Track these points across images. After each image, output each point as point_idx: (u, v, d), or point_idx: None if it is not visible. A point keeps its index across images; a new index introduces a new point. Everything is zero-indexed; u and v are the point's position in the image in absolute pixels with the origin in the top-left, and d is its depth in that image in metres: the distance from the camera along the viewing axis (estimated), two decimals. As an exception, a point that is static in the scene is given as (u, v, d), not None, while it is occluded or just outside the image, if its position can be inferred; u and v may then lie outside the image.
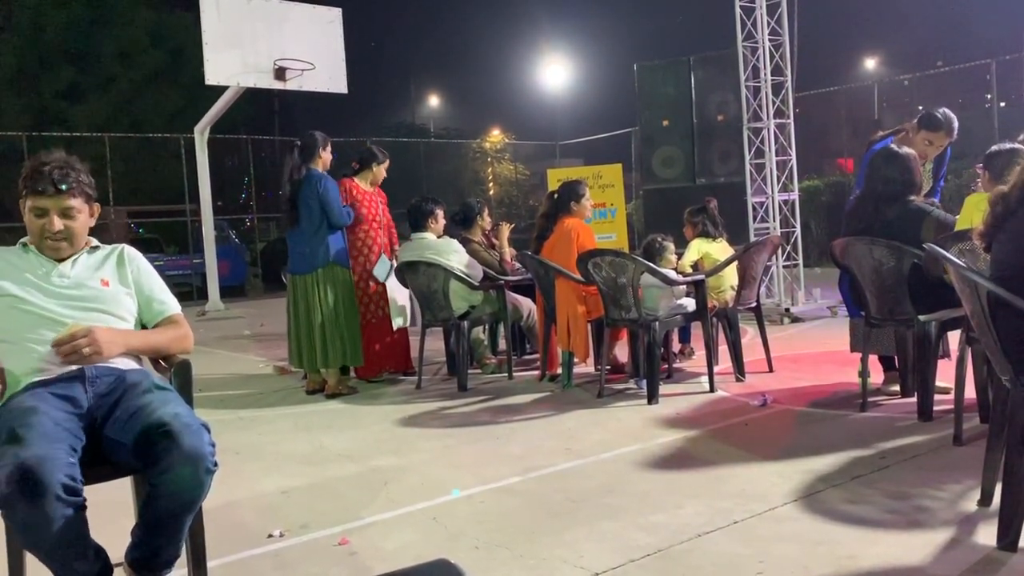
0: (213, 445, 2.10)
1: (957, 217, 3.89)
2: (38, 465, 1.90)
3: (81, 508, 1.97)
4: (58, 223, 2.34)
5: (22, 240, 2.46)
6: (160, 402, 2.18)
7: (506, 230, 6.19)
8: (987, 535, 2.45)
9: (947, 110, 4.54)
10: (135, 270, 2.49)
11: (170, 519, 2.11)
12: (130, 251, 2.53)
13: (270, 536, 2.85)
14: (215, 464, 2.09)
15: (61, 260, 2.40)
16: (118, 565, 2.27)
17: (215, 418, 4.89)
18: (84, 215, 2.40)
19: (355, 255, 5.62)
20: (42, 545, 1.97)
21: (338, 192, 5.33)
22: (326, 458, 3.89)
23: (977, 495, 2.73)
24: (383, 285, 5.72)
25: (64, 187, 2.33)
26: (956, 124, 4.50)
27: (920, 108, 4.80)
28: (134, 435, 2.10)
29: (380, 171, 5.84)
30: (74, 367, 2.24)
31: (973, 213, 3.65)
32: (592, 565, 2.44)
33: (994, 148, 3.87)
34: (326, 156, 5.41)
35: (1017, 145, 3.83)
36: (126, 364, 2.36)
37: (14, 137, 15.60)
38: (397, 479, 3.48)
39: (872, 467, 3.20)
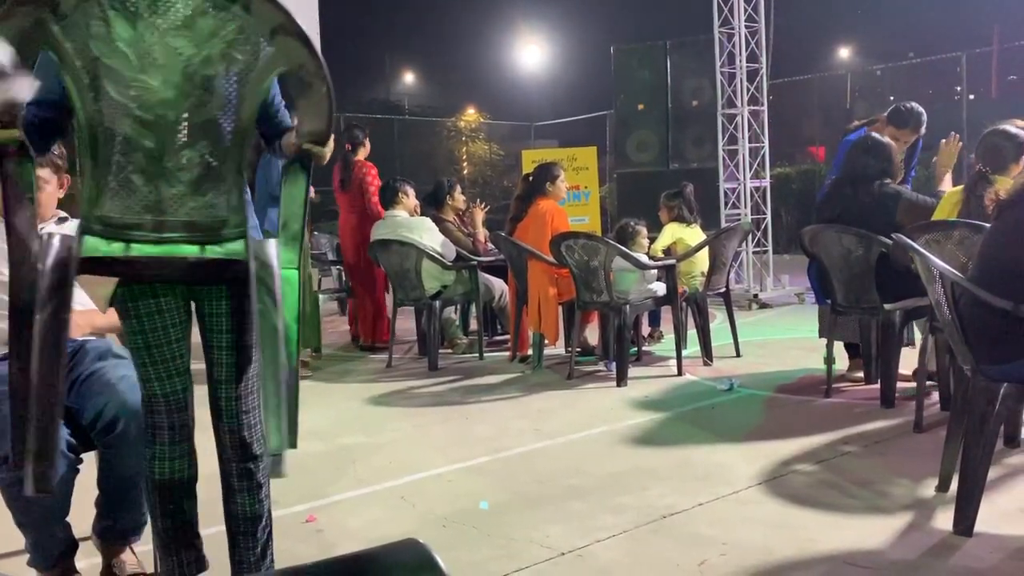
0: None
1: (932, 199, 3.91)
2: None
3: (75, 469, 2.03)
4: None
5: None
6: (111, 367, 2.17)
7: (479, 213, 6.18)
8: (944, 520, 2.51)
9: (915, 104, 4.55)
10: None
11: (126, 481, 2.12)
12: None
13: (236, 513, 2.84)
14: None
15: None
16: (85, 539, 2.26)
17: (182, 394, 4.86)
18: (52, 186, 2.40)
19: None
20: (34, 504, 1.98)
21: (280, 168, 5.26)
22: (294, 435, 3.87)
23: (936, 481, 2.79)
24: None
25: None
26: (924, 119, 4.51)
27: (892, 98, 4.81)
28: (83, 399, 2.10)
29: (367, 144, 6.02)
30: None
31: (951, 210, 3.71)
32: (558, 545, 2.47)
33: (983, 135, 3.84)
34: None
35: (1005, 127, 3.78)
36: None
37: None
38: (365, 457, 3.47)
39: (835, 452, 3.25)
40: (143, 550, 2.32)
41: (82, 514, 2.28)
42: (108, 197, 1.56)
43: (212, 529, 2.71)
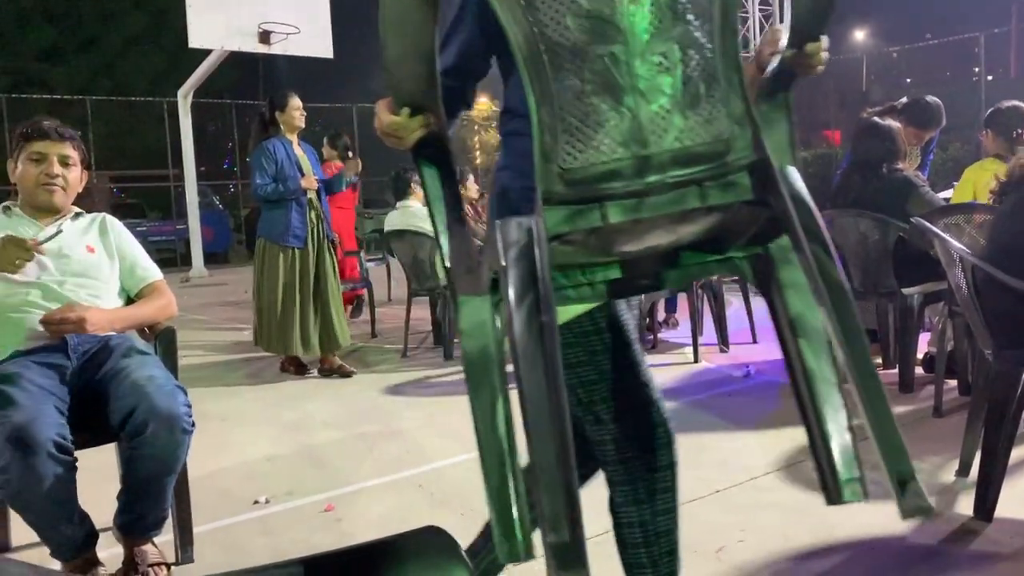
0: (189, 406, 2.11)
1: (943, 197, 3.93)
2: (30, 423, 1.91)
3: (72, 468, 1.98)
4: (57, 167, 2.37)
5: (4, 204, 2.44)
6: (136, 366, 2.18)
7: None
8: (965, 505, 2.50)
9: (932, 100, 4.53)
10: (117, 237, 2.49)
11: (151, 481, 2.12)
12: (111, 219, 2.53)
13: (256, 503, 2.86)
14: (191, 425, 2.10)
15: (52, 212, 2.42)
16: (106, 530, 2.28)
17: (200, 385, 4.89)
18: (78, 171, 2.44)
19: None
20: (32, 506, 1.98)
21: (259, 162, 4.79)
22: (311, 426, 3.90)
23: (955, 466, 2.78)
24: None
25: (65, 135, 2.39)
26: (943, 115, 4.51)
27: (908, 80, 4.79)
28: (110, 399, 2.11)
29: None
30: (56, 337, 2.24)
31: (974, 180, 3.70)
32: (576, 533, 2.46)
33: (994, 108, 3.92)
34: (285, 117, 4.85)
35: (1019, 103, 3.87)
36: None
37: (-7, 99, 15.37)
38: (383, 447, 3.49)
39: (853, 438, 3.24)
40: (163, 540, 2.34)
41: (103, 504, 2.31)
42: (566, 141, 1.08)
43: (208, 526, 2.74)
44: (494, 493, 1.10)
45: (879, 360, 4.39)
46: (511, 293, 1.05)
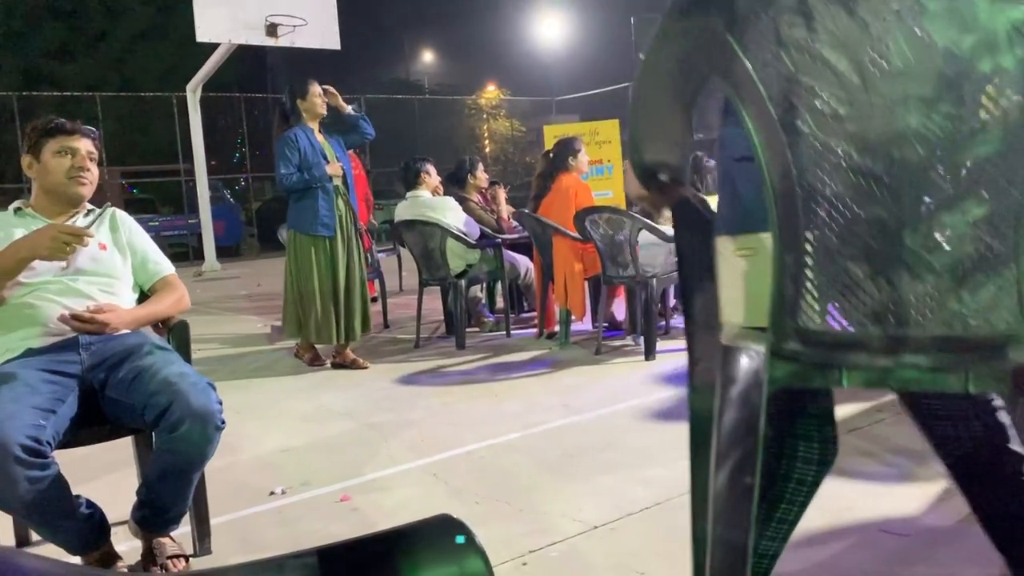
0: (220, 403, 2.13)
1: None
2: None
3: (46, 468, 1.92)
4: (88, 162, 2.39)
5: (14, 204, 2.45)
6: (164, 362, 2.19)
7: (501, 194, 6.17)
8: (980, 486, 2.48)
9: None
10: (127, 232, 2.50)
11: (179, 477, 2.14)
12: (120, 213, 2.54)
13: (272, 494, 2.88)
14: (223, 422, 2.11)
15: (76, 206, 2.44)
16: (123, 523, 2.30)
17: (214, 378, 4.88)
18: (96, 168, 2.46)
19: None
20: (16, 507, 1.96)
21: (282, 152, 4.69)
22: (326, 416, 3.92)
23: (971, 447, 2.76)
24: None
25: (88, 132, 2.42)
26: None
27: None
28: (140, 396, 2.11)
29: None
30: (69, 334, 2.24)
31: None
32: (590, 519, 2.47)
33: None
34: (306, 104, 4.76)
35: None
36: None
37: (5, 97, 15.46)
38: (397, 436, 3.50)
39: (868, 421, 3.23)
40: (180, 533, 2.36)
41: (118, 498, 2.33)
42: (810, 297, 0.97)
43: (225, 517, 2.75)
44: (699, 564, 1.01)
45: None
46: (722, 438, 0.98)
